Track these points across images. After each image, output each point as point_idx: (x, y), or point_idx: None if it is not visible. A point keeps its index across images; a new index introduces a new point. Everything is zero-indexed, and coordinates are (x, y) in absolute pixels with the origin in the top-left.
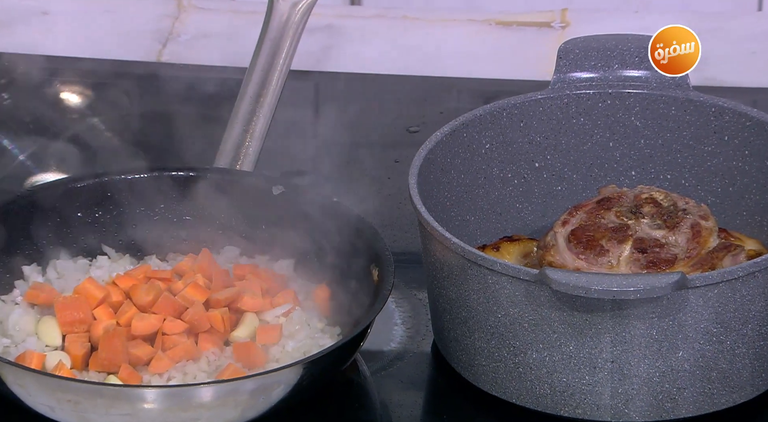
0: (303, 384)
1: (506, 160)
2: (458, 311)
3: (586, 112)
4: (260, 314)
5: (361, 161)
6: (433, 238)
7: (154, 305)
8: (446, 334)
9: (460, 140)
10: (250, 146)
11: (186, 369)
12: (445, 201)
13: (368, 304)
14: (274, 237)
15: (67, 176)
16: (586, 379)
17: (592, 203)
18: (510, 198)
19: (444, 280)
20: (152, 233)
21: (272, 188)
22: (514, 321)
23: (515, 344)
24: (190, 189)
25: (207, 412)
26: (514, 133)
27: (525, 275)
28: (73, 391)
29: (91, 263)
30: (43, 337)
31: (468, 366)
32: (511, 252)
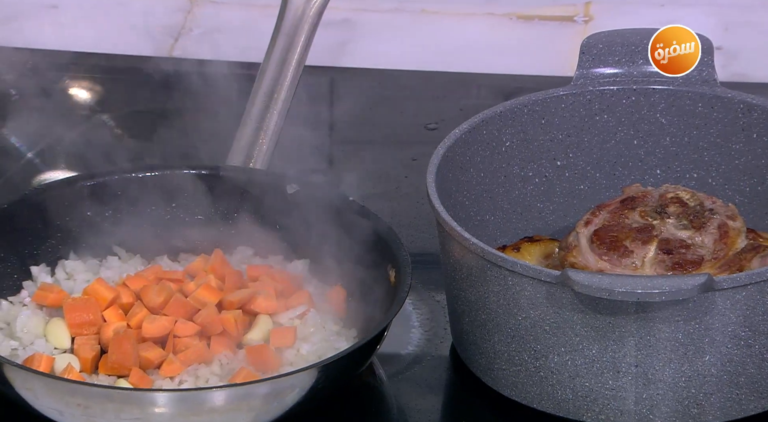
0: (318, 388)
1: (527, 158)
2: (477, 314)
3: (609, 109)
4: (274, 317)
5: (378, 159)
6: (451, 238)
7: (165, 306)
8: (465, 337)
9: (480, 138)
10: (264, 143)
11: (198, 373)
12: (464, 200)
13: (385, 306)
14: (289, 237)
15: (76, 174)
16: (609, 384)
17: (616, 203)
18: (531, 197)
19: (463, 281)
20: (164, 232)
21: (286, 187)
22: (535, 323)
23: (536, 347)
24: (202, 188)
25: (219, 417)
26: (535, 130)
27: (546, 276)
28: (83, 395)
29: (101, 263)
30: (51, 339)
31: (487, 370)
32: (531, 253)
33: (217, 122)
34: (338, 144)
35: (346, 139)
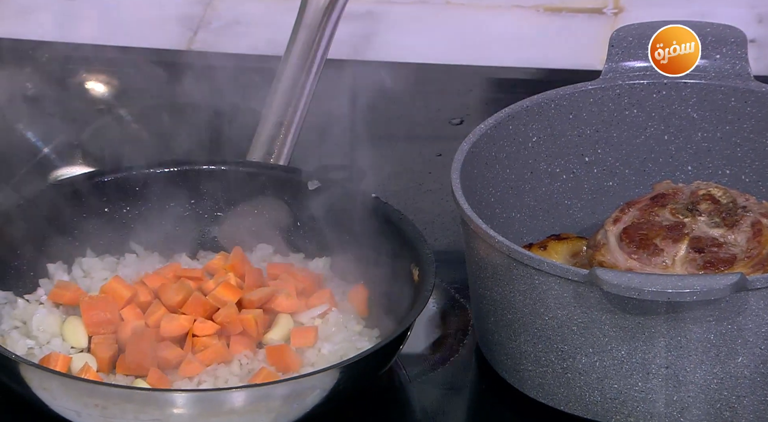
0: (339, 389)
1: (554, 154)
2: (503, 314)
3: (639, 103)
4: (295, 316)
5: (401, 155)
6: (476, 236)
7: (184, 305)
8: (490, 337)
9: (506, 133)
10: (285, 138)
11: (217, 373)
12: (489, 197)
13: (408, 305)
14: (310, 234)
15: (93, 169)
16: (638, 386)
17: (646, 200)
18: (558, 194)
19: (488, 280)
20: (182, 229)
21: (308, 183)
22: (562, 323)
23: (563, 348)
24: (222, 184)
25: (239, 418)
26: (562, 125)
27: (574, 275)
28: (100, 395)
29: (118, 261)
30: (68, 338)
31: (513, 371)
32: (559, 251)
33: (237, 116)
34: (360, 139)
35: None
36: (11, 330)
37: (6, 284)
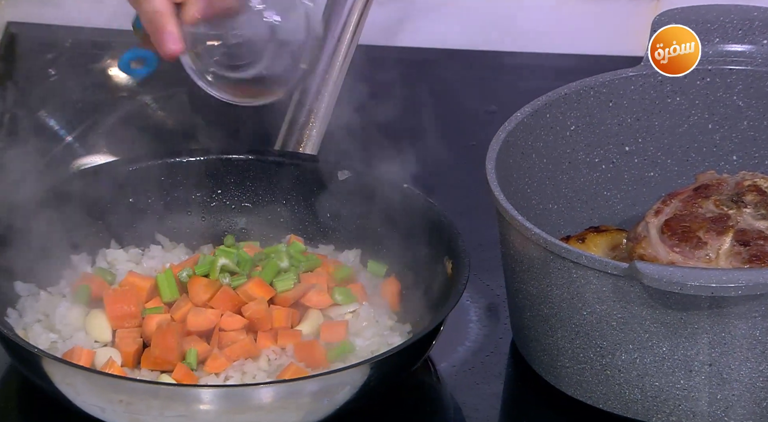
0: (370, 385)
1: (593, 143)
2: (540, 308)
3: (682, 90)
4: (325, 310)
5: (434, 145)
6: (512, 228)
7: (211, 299)
8: (526, 333)
9: (543, 122)
10: (314, 127)
11: (244, 368)
12: (525, 188)
13: (441, 299)
14: (340, 226)
15: (117, 158)
16: (681, 384)
17: (689, 191)
18: (597, 185)
19: (524, 274)
20: (208, 220)
21: (337, 173)
22: (601, 319)
23: (602, 344)
24: (249, 173)
25: (267, 415)
26: (602, 113)
27: (613, 269)
28: (125, 391)
29: (143, 252)
30: (91, 332)
31: (550, 368)
32: (597, 244)
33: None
34: (392, 128)
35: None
36: (34, 323)
37: (28, 276)
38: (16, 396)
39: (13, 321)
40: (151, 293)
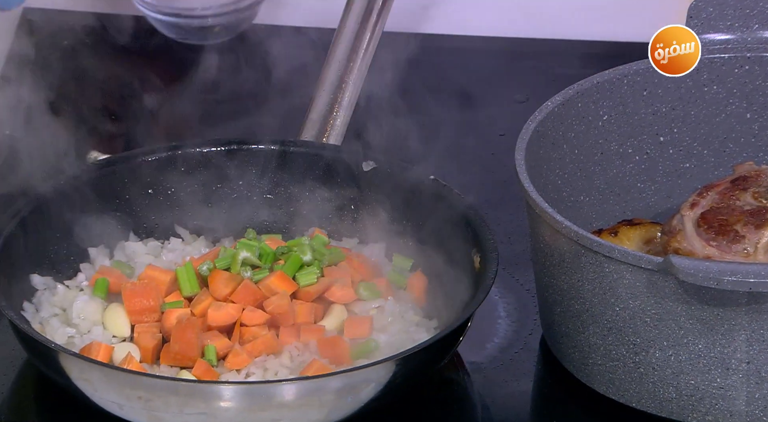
0: (395, 383)
1: (627, 133)
2: (570, 304)
3: (720, 79)
4: (349, 305)
5: (462, 135)
6: (542, 221)
7: (232, 293)
8: (557, 329)
9: (575, 111)
10: (338, 116)
11: (266, 365)
12: (556, 180)
13: (469, 294)
14: (364, 218)
15: (136, 149)
16: (717, 382)
17: (726, 183)
18: (630, 177)
19: (554, 268)
20: (230, 212)
21: (362, 164)
22: (634, 314)
23: (636, 341)
24: (272, 164)
25: (289, 412)
26: (636, 103)
27: (647, 263)
28: (144, 387)
29: (162, 245)
30: (110, 327)
31: (581, 366)
32: (631, 238)
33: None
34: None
35: (427, 112)
36: (51, 317)
37: (45, 270)
38: (33, 392)
39: (29, 315)
40: (170, 287)
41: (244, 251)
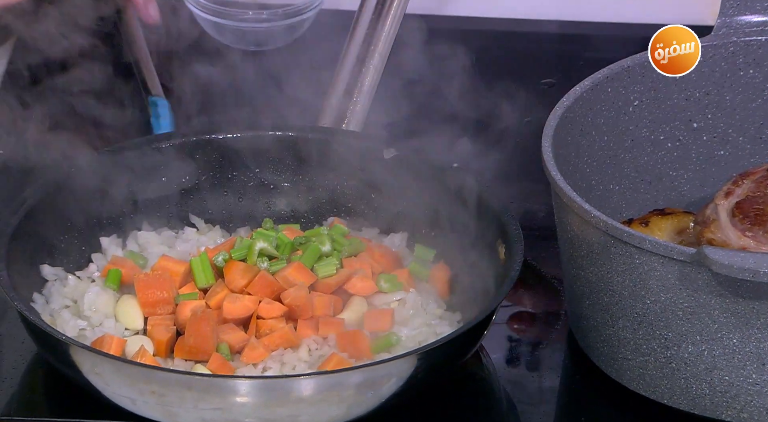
0: (417, 377)
1: (658, 119)
2: (599, 296)
3: (756, 62)
4: (369, 298)
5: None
6: (570, 210)
7: (248, 285)
8: (585, 323)
9: (604, 96)
10: (358, 102)
11: (284, 359)
12: (584, 168)
13: (493, 286)
14: (385, 208)
15: (149, 135)
16: (752, 378)
17: (762, 171)
18: (662, 164)
19: (583, 259)
20: (246, 201)
21: (383, 151)
22: (666, 308)
23: (667, 335)
24: (289, 152)
25: (308, 408)
26: (668, 87)
27: (679, 254)
28: (157, 382)
29: (176, 235)
30: (122, 319)
31: (611, 360)
32: (662, 228)
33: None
34: (441, 103)
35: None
36: (61, 309)
37: (56, 260)
38: (43, 386)
39: (39, 306)
40: (185, 279)
41: (261, 242)
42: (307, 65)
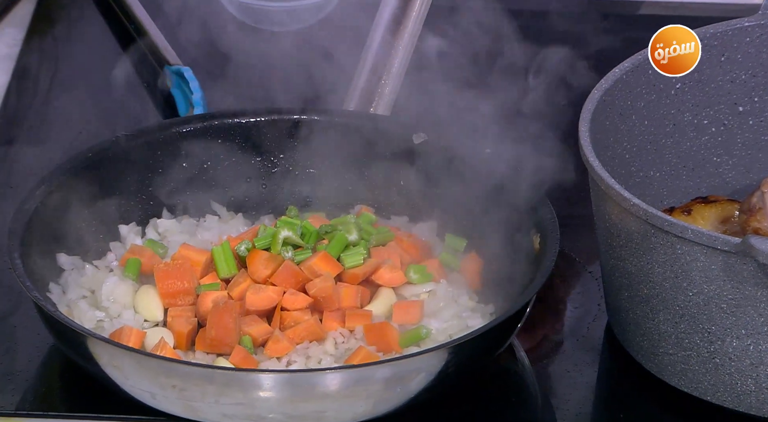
0: (447, 372)
1: (702, 103)
2: (639, 288)
3: None
4: (398, 289)
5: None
6: (608, 198)
7: (272, 275)
8: (624, 316)
9: (645, 79)
10: (386, 84)
11: (309, 352)
12: (623, 153)
13: (527, 277)
14: (415, 195)
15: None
16: None
17: None
18: (705, 150)
19: (622, 250)
20: (270, 188)
21: (412, 136)
22: (709, 300)
23: (711, 329)
24: (315, 136)
25: (333, 403)
26: (712, 69)
27: (723, 244)
28: (178, 375)
29: (198, 223)
30: (141, 310)
31: (651, 355)
32: (705, 217)
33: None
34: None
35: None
36: (79, 299)
37: (73, 249)
38: (59, 380)
39: (55, 297)
40: (206, 268)
41: (285, 230)
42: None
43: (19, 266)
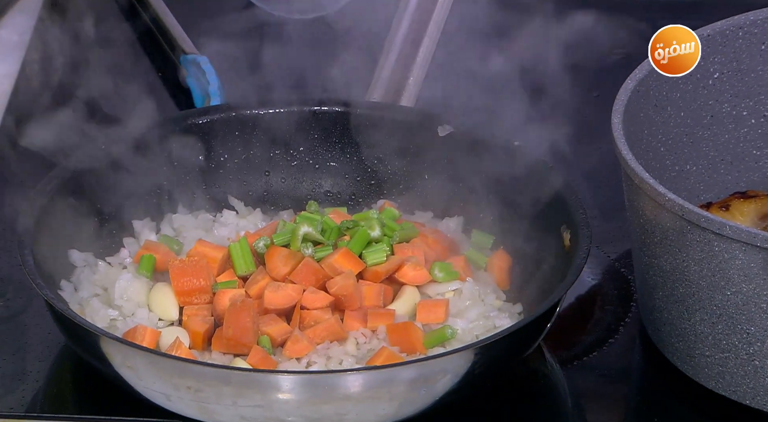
0: (474, 374)
1: (741, 93)
2: (674, 287)
3: None
4: (422, 287)
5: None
6: (642, 193)
7: (292, 272)
8: (658, 316)
9: None
10: (412, 75)
11: (329, 353)
12: (658, 146)
13: (557, 276)
14: (440, 189)
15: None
16: None
17: None
18: (745, 143)
19: (656, 247)
20: (289, 182)
21: (438, 128)
22: (748, 300)
23: (749, 330)
24: (336, 128)
25: (355, 406)
26: (752, 59)
27: (764, 241)
28: (194, 376)
29: (214, 218)
30: (156, 309)
31: (686, 357)
32: (744, 212)
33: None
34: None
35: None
36: (91, 297)
37: (85, 245)
38: (71, 380)
39: (67, 295)
40: (223, 266)
41: (305, 226)
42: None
43: (29, 263)
